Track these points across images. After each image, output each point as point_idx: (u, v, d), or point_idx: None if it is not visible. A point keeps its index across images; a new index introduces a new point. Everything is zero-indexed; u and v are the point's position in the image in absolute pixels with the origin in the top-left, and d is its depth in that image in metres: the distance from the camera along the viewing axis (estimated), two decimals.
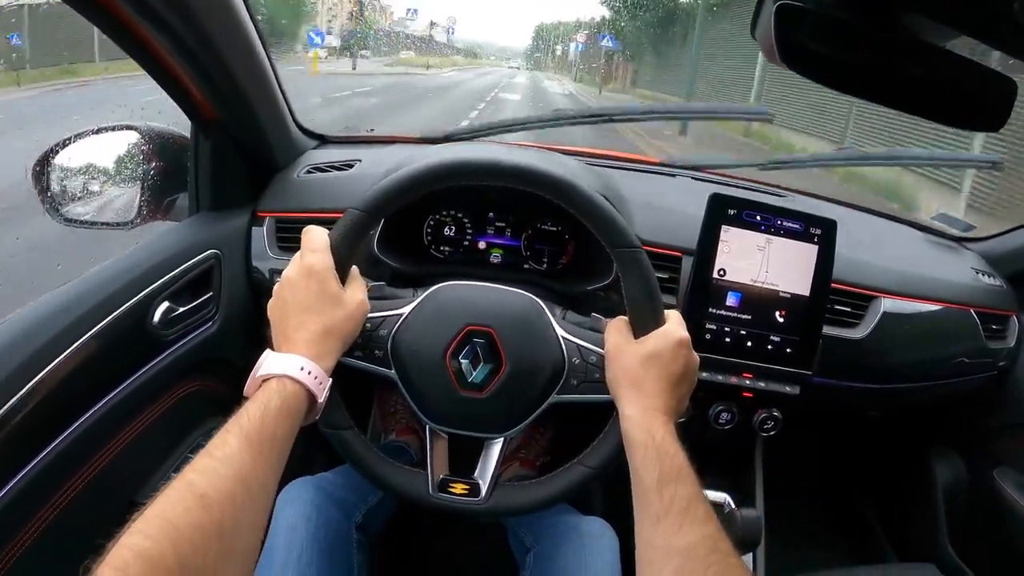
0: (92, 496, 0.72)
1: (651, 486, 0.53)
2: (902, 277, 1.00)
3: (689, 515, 0.51)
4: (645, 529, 0.53)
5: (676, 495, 0.52)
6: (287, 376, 0.54)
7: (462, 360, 0.64)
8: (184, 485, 0.45)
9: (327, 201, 0.94)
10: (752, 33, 0.58)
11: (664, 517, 0.52)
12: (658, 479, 0.53)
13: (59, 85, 5.76)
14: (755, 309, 0.83)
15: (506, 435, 0.67)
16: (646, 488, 0.54)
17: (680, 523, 0.51)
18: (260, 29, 0.83)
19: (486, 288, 0.69)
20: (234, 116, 0.86)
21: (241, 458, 0.48)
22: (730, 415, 0.87)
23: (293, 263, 0.61)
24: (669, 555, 0.50)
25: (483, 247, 0.97)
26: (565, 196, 0.63)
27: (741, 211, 0.81)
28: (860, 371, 0.97)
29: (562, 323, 0.68)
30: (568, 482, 0.65)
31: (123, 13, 0.66)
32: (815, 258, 0.83)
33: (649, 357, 0.60)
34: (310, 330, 0.58)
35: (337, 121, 6.78)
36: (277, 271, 0.91)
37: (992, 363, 1.08)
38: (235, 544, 0.46)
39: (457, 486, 0.65)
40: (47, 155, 0.88)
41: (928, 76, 0.49)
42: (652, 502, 0.53)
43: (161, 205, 0.93)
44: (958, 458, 1.25)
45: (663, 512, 0.52)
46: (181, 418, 0.88)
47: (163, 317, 0.79)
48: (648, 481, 0.54)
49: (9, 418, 0.60)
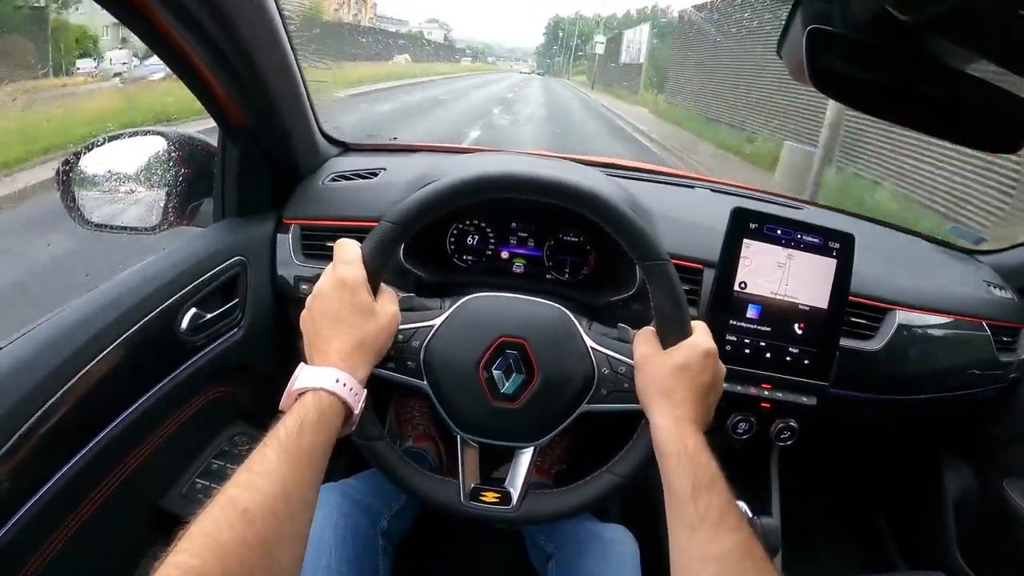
0: (120, 500, 0.73)
1: (685, 496, 0.54)
2: (916, 290, 1.01)
3: (724, 523, 0.52)
4: (680, 538, 0.54)
5: (711, 504, 0.53)
6: (323, 389, 0.54)
7: (495, 371, 0.65)
8: (226, 501, 0.45)
9: (352, 209, 0.95)
10: (778, 52, 0.59)
11: (700, 526, 0.53)
12: (692, 488, 0.54)
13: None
14: (774, 321, 0.84)
15: (536, 444, 0.68)
16: (680, 498, 0.55)
17: (716, 531, 0.52)
18: (291, 36, 0.84)
19: (516, 300, 0.70)
20: (262, 122, 0.87)
21: (281, 473, 0.48)
22: (748, 425, 0.88)
23: (325, 275, 0.62)
24: (705, 563, 0.51)
25: (506, 257, 0.98)
26: (596, 209, 0.64)
27: (762, 225, 0.82)
28: (875, 382, 0.98)
29: (590, 334, 0.68)
30: (597, 491, 0.66)
31: (160, 19, 0.67)
32: (833, 271, 0.84)
33: (678, 368, 0.61)
34: (344, 342, 0.58)
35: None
36: (302, 278, 0.92)
37: (1003, 375, 1.10)
38: (279, 557, 0.46)
39: (488, 494, 0.66)
40: (73, 158, 0.89)
41: (949, 98, 0.51)
42: (687, 511, 0.54)
43: (186, 210, 0.94)
44: (968, 468, 1.26)
45: (698, 521, 0.53)
46: (206, 423, 0.89)
47: (191, 323, 0.80)
48: (682, 491, 0.55)
49: (40, 425, 0.61)
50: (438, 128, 9.61)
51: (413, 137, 8.01)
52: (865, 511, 1.46)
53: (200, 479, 0.88)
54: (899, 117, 0.54)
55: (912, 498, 1.37)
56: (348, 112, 9.36)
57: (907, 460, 1.38)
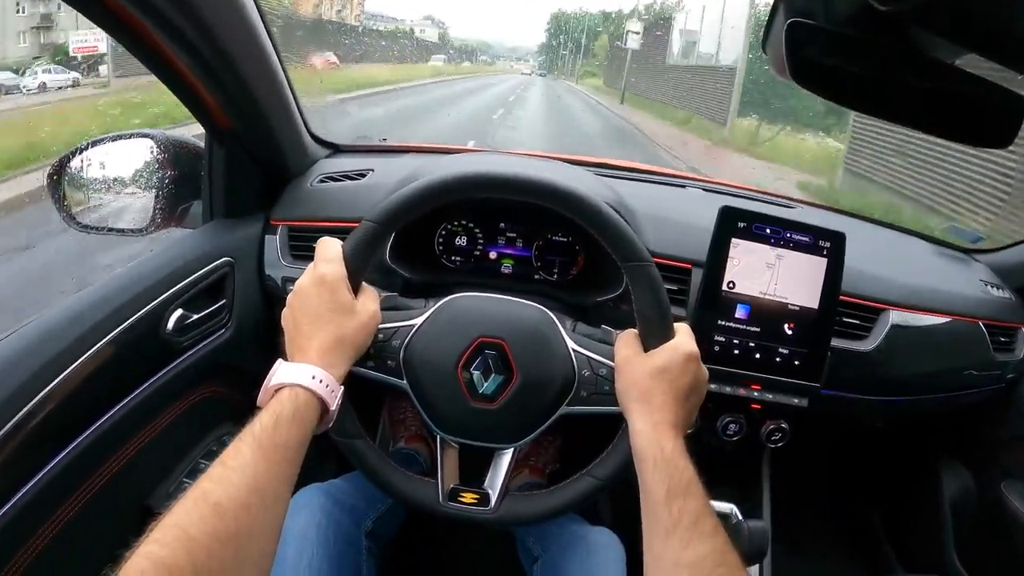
0: (105, 500, 0.73)
1: (660, 500, 0.54)
2: (910, 289, 1.00)
3: (697, 529, 0.52)
4: (655, 544, 0.54)
5: (685, 509, 0.53)
6: (299, 385, 0.55)
7: (474, 371, 0.65)
8: (199, 494, 0.46)
9: (340, 210, 0.95)
10: (763, 48, 0.58)
11: (673, 531, 0.52)
12: (667, 493, 0.54)
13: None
14: (764, 321, 0.83)
15: (516, 446, 0.68)
16: (655, 502, 0.54)
17: (689, 538, 0.52)
18: (275, 39, 0.84)
19: (497, 300, 0.70)
20: (248, 125, 0.87)
21: (255, 467, 0.48)
22: (738, 426, 0.88)
23: (306, 273, 0.62)
24: (677, 569, 0.51)
25: (494, 257, 0.98)
26: (577, 210, 0.64)
27: (751, 224, 0.82)
28: (868, 383, 0.97)
29: (572, 335, 0.68)
30: (576, 493, 0.66)
31: (139, 24, 0.67)
32: (824, 271, 0.83)
33: (658, 371, 0.60)
34: (322, 339, 0.58)
35: None
36: (290, 279, 0.92)
37: (1000, 375, 1.08)
38: (250, 551, 0.47)
39: (467, 495, 0.66)
40: (63, 161, 0.89)
41: (936, 92, 0.50)
42: (661, 516, 0.53)
43: (175, 212, 0.94)
44: (965, 470, 1.24)
45: (672, 526, 0.52)
46: (193, 423, 0.89)
47: (177, 324, 0.80)
48: (657, 495, 0.54)
49: (26, 422, 0.61)
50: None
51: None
52: (860, 513, 1.45)
53: (187, 479, 0.88)
54: (885, 112, 0.53)
55: (908, 500, 1.36)
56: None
57: (902, 461, 1.37)
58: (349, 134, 5.25)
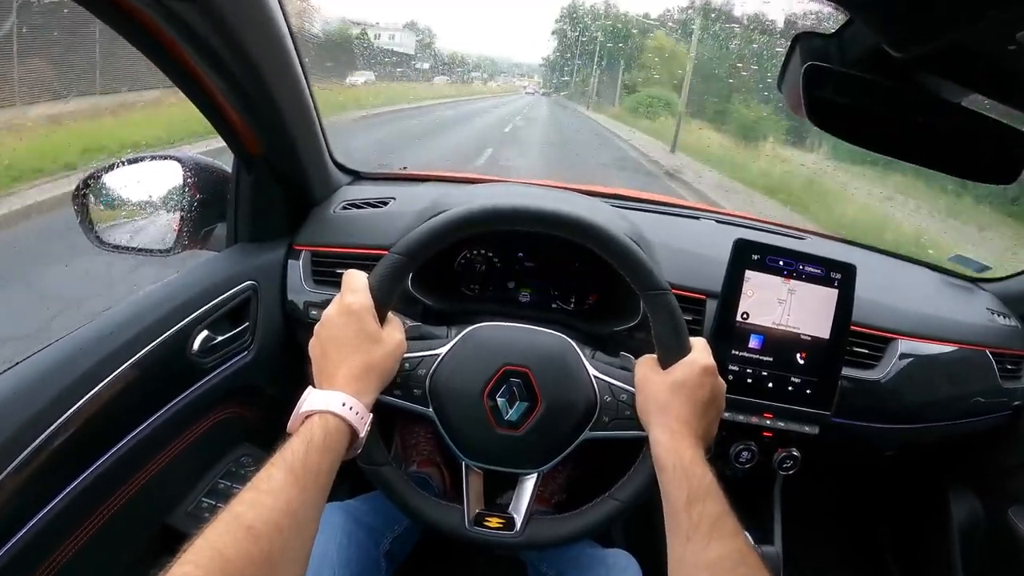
0: (127, 517, 0.74)
1: (680, 506, 0.55)
2: (918, 319, 1.02)
3: (717, 531, 0.53)
4: (676, 548, 0.55)
5: (704, 513, 0.54)
6: (329, 412, 0.56)
7: (499, 399, 0.66)
8: (232, 517, 0.47)
9: (362, 237, 0.97)
10: (779, 87, 0.61)
11: (693, 535, 0.54)
12: (687, 499, 0.55)
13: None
14: (776, 351, 0.85)
15: (540, 471, 0.69)
16: (676, 509, 0.56)
17: (708, 539, 0.53)
18: (305, 66, 0.86)
19: (520, 329, 0.72)
20: (277, 151, 0.89)
21: (287, 492, 0.49)
22: (750, 454, 0.89)
23: (334, 303, 0.64)
24: (698, 570, 0.53)
25: (512, 286, 0.99)
26: (597, 240, 0.66)
27: (764, 256, 0.84)
28: (878, 412, 0.98)
29: (593, 362, 0.70)
30: (600, 515, 0.67)
31: (179, 50, 0.69)
32: (835, 302, 0.85)
33: (676, 385, 0.62)
34: (350, 367, 0.60)
35: None
36: (311, 304, 0.93)
37: (1007, 402, 1.10)
38: (282, 574, 0.48)
39: (492, 520, 0.67)
40: (89, 179, 0.91)
41: (944, 131, 0.52)
42: (682, 522, 0.55)
43: (199, 234, 0.96)
44: (973, 496, 1.25)
45: (692, 530, 0.54)
46: (213, 444, 0.90)
47: (202, 346, 0.82)
48: (677, 502, 0.56)
49: (51, 441, 0.62)
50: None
51: None
52: (870, 539, 1.45)
53: (206, 499, 0.89)
54: (895, 151, 0.55)
55: (917, 526, 1.36)
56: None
57: (911, 488, 1.38)
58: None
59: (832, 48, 0.54)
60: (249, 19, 0.70)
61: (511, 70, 23.03)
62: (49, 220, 2.78)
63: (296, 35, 0.82)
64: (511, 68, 23.97)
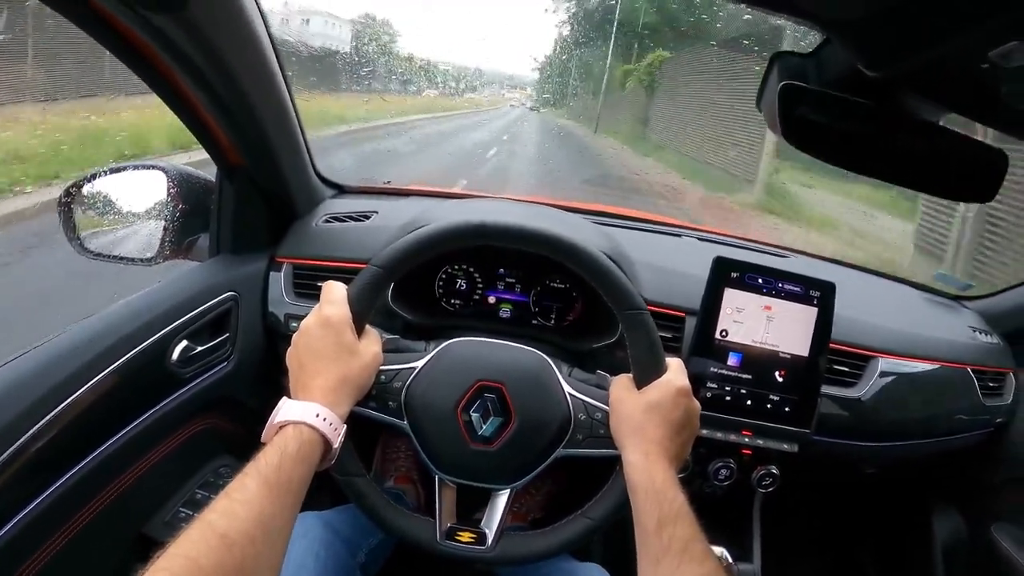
0: (103, 526, 0.74)
1: (651, 529, 0.56)
2: (900, 337, 1.02)
3: (687, 555, 0.54)
4: (646, 570, 0.55)
5: (674, 536, 0.54)
6: (304, 423, 0.56)
7: (473, 414, 0.67)
8: (205, 525, 0.47)
9: (344, 251, 0.97)
10: (757, 105, 0.61)
11: (663, 558, 0.54)
12: (658, 521, 0.56)
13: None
14: (755, 369, 0.85)
15: (513, 487, 0.69)
16: (646, 531, 0.56)
17: (678, 563, 0.53)
18: (289, 80, 0.87)
19: (496, 345, 0.72)
20: (259, 163, 0.90)
21: (260, 502, 0.50)
22: (729, 471, 0.89)
23: (312, 314, 0.64)
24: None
25: (493, 301, 1.00)
26: (575, 259, 0.67)
27: (744, 274, 0.84)
28: (858, 429, 0.99)
29: (569, 380, 0.70)
30: (572, 533, 0.67)
31: (160, 63, 0.69)
32: (814, 320, 0.85)
33: (650, 406, 0.62)
34: (326, 378, 0.60)
35: None
36: (292, 316, 0.93)
37: (989, 420, 1.10)
38: None
39: (464, 534, 0.67)
40: (74, 187, 0.91)
41: (922, 150, 0.53)
42: (652, 544, 0.55)
43: (182, 244, 0.96)
44: (956, 513, 1.25)
45: (662, 553, 0.54)
46: (191, 454, 0.90)
47: (181, 356, 0.82)
48: (648, 524, 0.56)
49: (27, 447, 0.62)
50: None
51: None
52: (850, 557, 1.45)
53: (184, 508, 0.88)
54: (872, 170, 0.55)
55: (899, 543, 1.36)
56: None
57: (893, 505, 1.38)
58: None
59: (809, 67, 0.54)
60: (232, 33, 0.71)
61: (507, 81, 18.37)
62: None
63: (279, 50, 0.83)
64: (506, 80, 18.41)
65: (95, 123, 4.07)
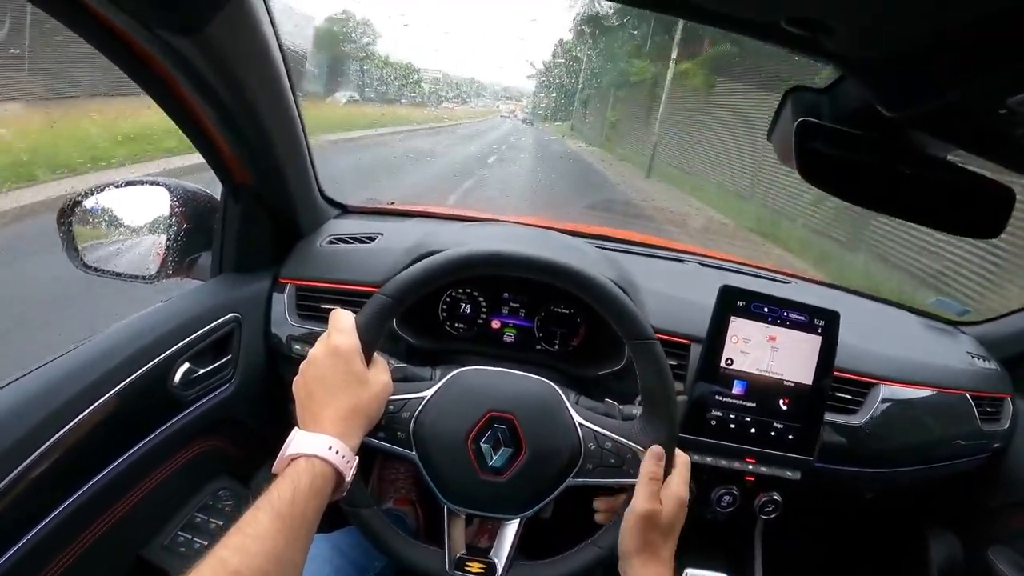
0: (103, 549, 0.73)
1: None
2: (900, 364, 1.03)
3: None
4: None
5: None
6: (316, 456, 0.55)
7: (483, 444, 0.66)
8: (217, 562, 0.46)
9: (348, 273, 0.96)
10: (768, 137, 0.62)
11: None
12: None
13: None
14: (760, 397, 0.85)
15: (523, 516, 0.69)
16: None
17: None
18: (298, 98, 0.86)
19: (505, 374, 0.72)
20: (266, 182, 0.89)
21: (273, 538, 0.49)
22: (732, 498, 0.89)
23: (320, 343, 0.63)
24: None
25: (497, 326, 0.99)
26: (586, 289, 0.67)
27: (749, 303, 0.84)
28: (859, 456, 0.99)
29: (577, 408, 0.70)
30: (581, 562, 0.67)
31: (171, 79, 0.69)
32: (819, 348, 0.86)
33: (669, 529, 0.64)
34: (336, 409, 0.59)
35: None
36: (295, 337, 0.92)
37: (987, 445, 1.11)
38: None
39: (474, 564, 0.67)
40: (73, 201, 0.90)
41: (931, 186, 0.53)
42: None
43: (184, 262, 0.95)
44: (953, 537, 1.25)
45: None
46: (191, 476, 0.89)
47: (183, 378, 0.81)
48: None
49: (30, 471, 0.61)
50: None
51: None
52: None
53: (183, 532, 0.87)
54: (883, 206, 0.56)
55: (896, 568, 1.36)
56: None
57: (892, 530, 1.38)
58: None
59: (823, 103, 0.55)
60: (247, 51, 0.70)
61: (503, 93, 16.87)
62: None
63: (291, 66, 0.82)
64: (499, 92, 16.83)
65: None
